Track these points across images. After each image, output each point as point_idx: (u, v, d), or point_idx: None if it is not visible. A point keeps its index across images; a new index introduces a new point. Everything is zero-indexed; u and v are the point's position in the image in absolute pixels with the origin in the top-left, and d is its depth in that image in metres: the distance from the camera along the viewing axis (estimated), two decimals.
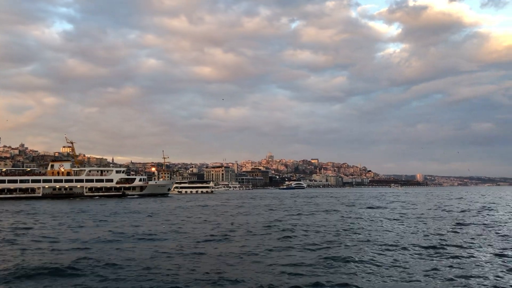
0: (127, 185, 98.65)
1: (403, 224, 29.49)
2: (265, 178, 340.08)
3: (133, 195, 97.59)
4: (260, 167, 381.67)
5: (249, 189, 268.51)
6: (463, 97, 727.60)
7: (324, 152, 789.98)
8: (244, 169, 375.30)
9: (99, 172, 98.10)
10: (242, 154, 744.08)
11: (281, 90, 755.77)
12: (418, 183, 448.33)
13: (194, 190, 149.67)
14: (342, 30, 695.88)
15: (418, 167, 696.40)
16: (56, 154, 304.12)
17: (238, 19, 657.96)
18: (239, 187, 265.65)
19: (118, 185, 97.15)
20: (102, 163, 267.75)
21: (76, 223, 32.20)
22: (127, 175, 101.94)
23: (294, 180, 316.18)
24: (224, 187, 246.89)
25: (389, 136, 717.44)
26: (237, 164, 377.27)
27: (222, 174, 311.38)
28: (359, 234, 24.07)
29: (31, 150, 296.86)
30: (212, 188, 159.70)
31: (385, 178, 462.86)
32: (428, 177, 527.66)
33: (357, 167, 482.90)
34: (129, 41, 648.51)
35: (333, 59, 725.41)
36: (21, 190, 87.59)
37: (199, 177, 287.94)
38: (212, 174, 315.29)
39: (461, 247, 19.15)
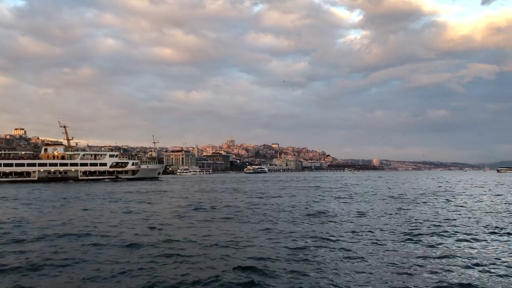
0: (120, 169, 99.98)
1: None
2: (226, 163, 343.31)
3: (126, 178, 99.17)
4: (221, 152, 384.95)
5: (209, 173, 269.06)
6: (421, 84, 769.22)
7: (285, 136, 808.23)
8: (205, 154, 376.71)
9: (93, 156, 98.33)
10: (203, 139, 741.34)
11: (243, 74, 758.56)
12: (374, 168, 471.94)
13: None
14: (304, 15, 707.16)
15: (375, 152, 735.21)
16: (8, 137, 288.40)
17: (200, 0, 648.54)
18: (199, 171, 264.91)
19: (111, 169, 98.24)
20: None
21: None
22: (119, 159, 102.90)
23: (256, 165, 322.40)
24: (188, 171, 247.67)
25: (349, 121, 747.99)
26: (198, 148, 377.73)
27: (182, 158, 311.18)
28: None
29: None
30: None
31: (343, 162, 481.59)
32: (384, 162, 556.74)
33: (317, 151, 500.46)
34: (86, 20, 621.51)
35: (295, 44, 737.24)
36: (17, 173, 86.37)
37: (159, 161, 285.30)
38: (172, 158, 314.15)
39: None
